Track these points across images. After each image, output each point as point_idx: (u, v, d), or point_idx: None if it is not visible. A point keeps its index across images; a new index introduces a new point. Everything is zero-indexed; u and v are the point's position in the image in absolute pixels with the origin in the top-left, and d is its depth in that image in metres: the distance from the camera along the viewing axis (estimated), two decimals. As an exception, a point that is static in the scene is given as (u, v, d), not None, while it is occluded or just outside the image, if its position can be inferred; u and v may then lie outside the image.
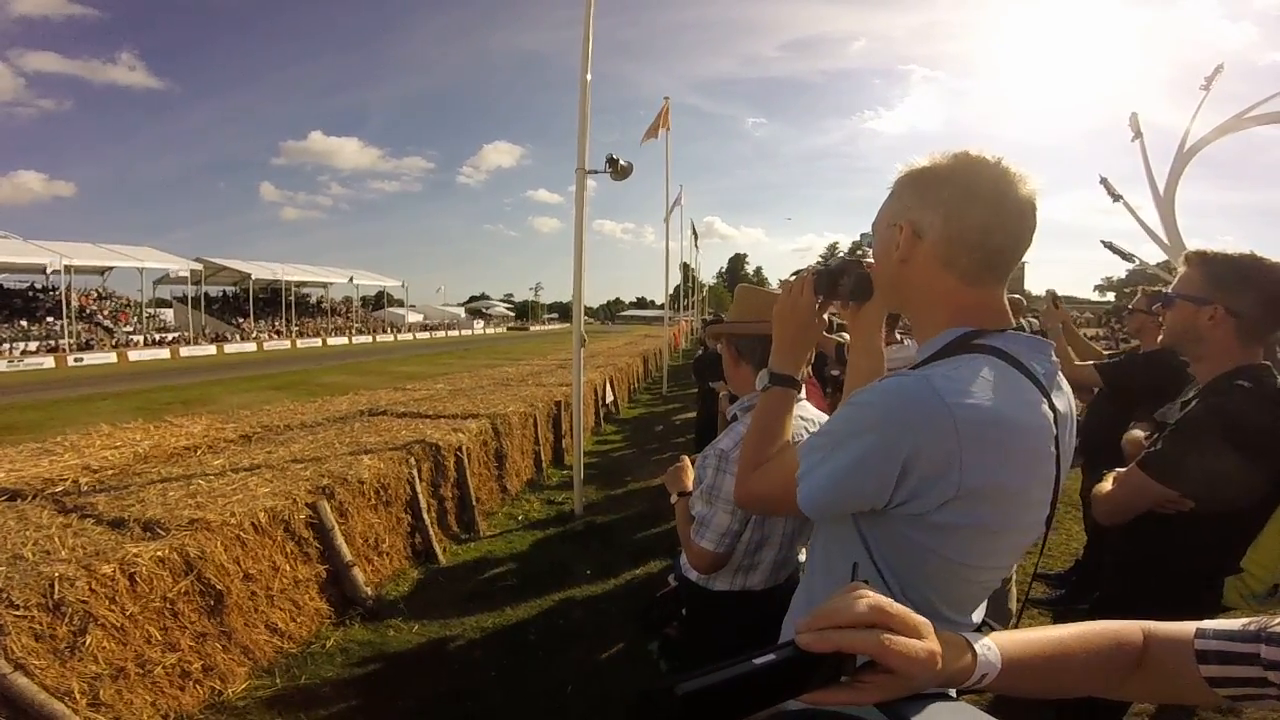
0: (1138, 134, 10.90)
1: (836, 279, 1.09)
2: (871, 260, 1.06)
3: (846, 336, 1.50)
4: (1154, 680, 0.68)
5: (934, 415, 0.75)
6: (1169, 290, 1.61)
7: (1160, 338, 1.64)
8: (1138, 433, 1.80)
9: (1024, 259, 0.89)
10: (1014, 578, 2.60)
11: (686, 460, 1.81)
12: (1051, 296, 3.19)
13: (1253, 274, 1.44)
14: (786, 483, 0.90)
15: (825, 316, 1.16)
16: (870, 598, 0.58)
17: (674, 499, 1.74)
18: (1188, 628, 0.66)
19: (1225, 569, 1.47)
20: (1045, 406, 0.81)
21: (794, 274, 1.23)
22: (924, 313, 0.91)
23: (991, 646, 0.65)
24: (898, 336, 3.10)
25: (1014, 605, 2.55)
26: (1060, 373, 0.89)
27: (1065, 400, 0.87)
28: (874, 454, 0.78)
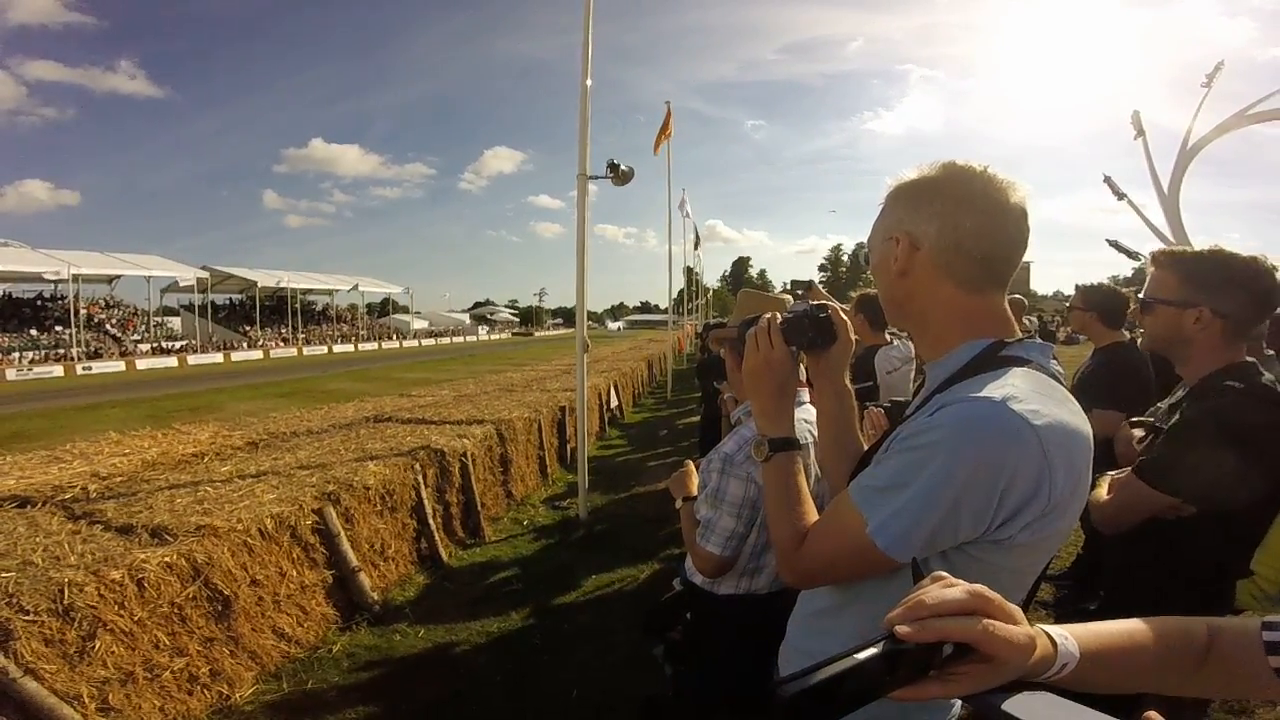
0: (1140, 132, 10.84)
1: (807, 325, 1.05)
2: (827, 302, 1.07)
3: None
4: (1221, 674, 0.67)
5: (1023, 439, 0.73)
6: (1142, 294, 1.54)
7: (1141, 343, 1.60)
8: (1136, 432, 1.75)
9: (1027, 259, 0.89)
10: None
11: (691, 465, 1.81)
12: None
13: (1235, 273, 1.40)
14: (846, 538, 0.83)
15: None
16: (965, 585, 0.55)
17: (679, 504, 1.74)
18: (1252, 621, 0.66)
19: (1229, 570, 1.45)
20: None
21: (743, 324, 1.15)
22: (930, 325, 0.90)
23: (1068, 637, 0.63)
24: (887, 338, 3.09)
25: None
26: None
27: None
28: (969, 489, 0.74)
